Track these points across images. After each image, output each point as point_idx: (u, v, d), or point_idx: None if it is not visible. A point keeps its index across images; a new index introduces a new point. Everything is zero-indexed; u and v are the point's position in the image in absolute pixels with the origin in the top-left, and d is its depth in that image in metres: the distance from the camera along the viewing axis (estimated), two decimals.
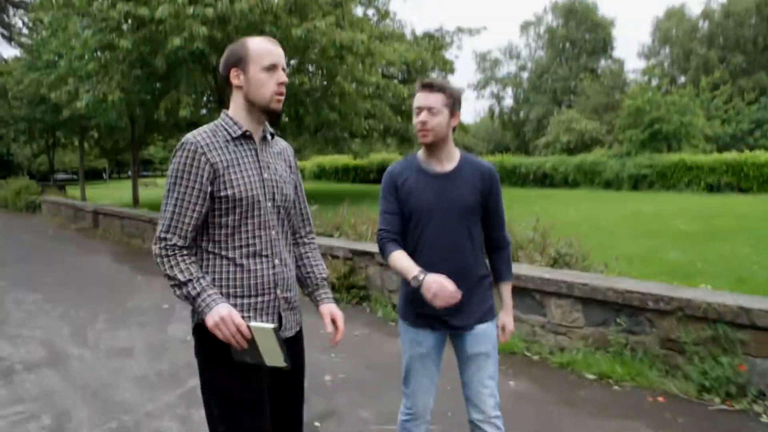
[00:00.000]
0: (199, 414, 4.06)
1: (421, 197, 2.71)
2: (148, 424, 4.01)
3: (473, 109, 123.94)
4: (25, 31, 29.30)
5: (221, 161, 2.13)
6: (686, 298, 4.41)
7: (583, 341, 5.06)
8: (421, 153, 2.80)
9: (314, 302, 2.44)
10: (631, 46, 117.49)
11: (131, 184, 21.36)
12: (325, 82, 13.45)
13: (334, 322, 2.35)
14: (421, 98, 2.67)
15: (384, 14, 28.32)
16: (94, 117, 17.65)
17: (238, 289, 2.14)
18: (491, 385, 2.73)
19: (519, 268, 5.60)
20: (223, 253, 2.14)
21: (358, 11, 27.20)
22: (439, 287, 2.48)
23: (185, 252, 2.10)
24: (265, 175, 2.22)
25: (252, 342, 2.00)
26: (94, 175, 67.04)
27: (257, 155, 2.22)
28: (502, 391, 2.54)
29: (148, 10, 10.87)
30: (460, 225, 2.69)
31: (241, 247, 2.15)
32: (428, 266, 2.60)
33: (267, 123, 2.29)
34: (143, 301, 7.61)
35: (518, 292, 5.52)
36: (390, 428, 3.77)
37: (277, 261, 2.23)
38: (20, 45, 25.86)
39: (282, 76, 2.21)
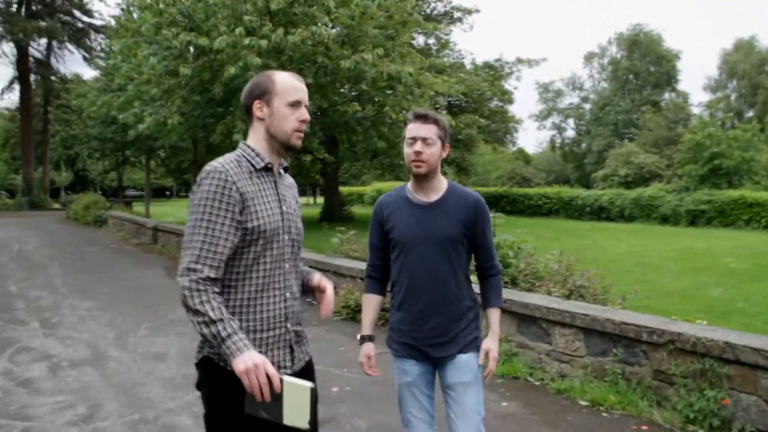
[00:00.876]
0: None
1: (403, 227, 2.76)
2: (166, 418, 4.51)
3: (535, 140, 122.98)
4: (102, 54, 30.96)
5: (248, 191, 2.12)
6: (677, 332, 4.60)
7: (583, 369, 5.27)
8: (410, 184, 2.85)
9: (307, 285, 2.45)
10: (697, 79, 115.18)
11: None
12: (375, 112, 13.92)
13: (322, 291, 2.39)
14: (414, 129, 2.71)
15: (444, 44, 28.95)
16: (159, 138, 18.67)
17: (250, 323, 2.12)
18: (475, 420, 2.72)
19: (528, 297, 5.87)
20: (240, 284, 2.12)
21: (420, 40, 28.00)
22: (363, 359, 2.85)
23: (216, 286, 2.03)
24: (284, 208, 2.24)
25: (277, 397, 1.94)
26: (161, 193, 69.56)
27: (276, 188, 2.24)
28: (492, 410, 2.67)
29: (208, 40, 11.61)
30: (441, 255, 2.71)
31: (257, 278, 2.14)
32: (409, 295, 2.73)
33: (283, 157, 2.31)
34: (184, 313, 8.12)
35: (526, 320, 5.80)
36: None
37: (288, 294, 2.23)
38: (98, 67, 27.43)
39: (304, 114, 2.23)
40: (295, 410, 1.93)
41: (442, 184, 2.80)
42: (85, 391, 5.13)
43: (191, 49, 12.05)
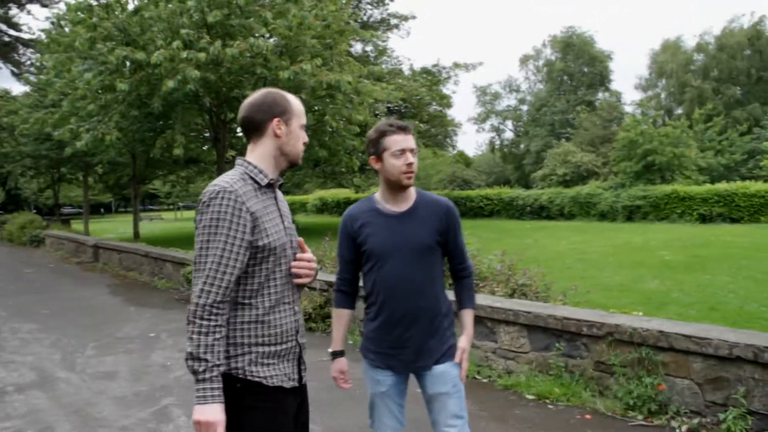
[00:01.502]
0: (168, 427, 4.61)
1: (377, 239, 2.72)
2: None
3: (475, 142, 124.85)
4: (33, 69, 30.14)
5: (257, 210, 2.13)
6: (615, 324, 4.83)
7: (528, 365, 5.46)
8: (378, 194, 2.82)
9: None
10: (629, 79, 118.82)
11: (133, 219, 21.93)
12: (315, 121, 13.99)
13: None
14: (402, 141, 2.68)
15: (381, 51, 29.22)
16: (97, 154, 18.31)
17: (265, 338, 2.15)
18: (457, 424, 2.73)
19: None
20: (255, 301, 2.13)
21: (358, 47, 28.19)
22: (336, 374, 2.86)
23: (222, 312, 2.04)
24: (286, 223, 2.27)
25: None
26: (99, 209, 67.83)
27: (277, 203, 2.27)
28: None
29: (144, 54, 11.48)
30: (416, 265, 2.70)
31: (270, 295, 2.16)
32: (385, 305, 2.71)
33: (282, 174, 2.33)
34: (132, 330, 8.07)
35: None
36: None
37: (297, 308, 2.29)
38: (28, 83, 26.68)
39: (306, 137, 2.33)
40: None
41: (411, 193, 2.79)
42: (34, 414, 5.05)
43: (128, 63, 11.88)
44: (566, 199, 29.97)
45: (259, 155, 2.24)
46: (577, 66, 52.82)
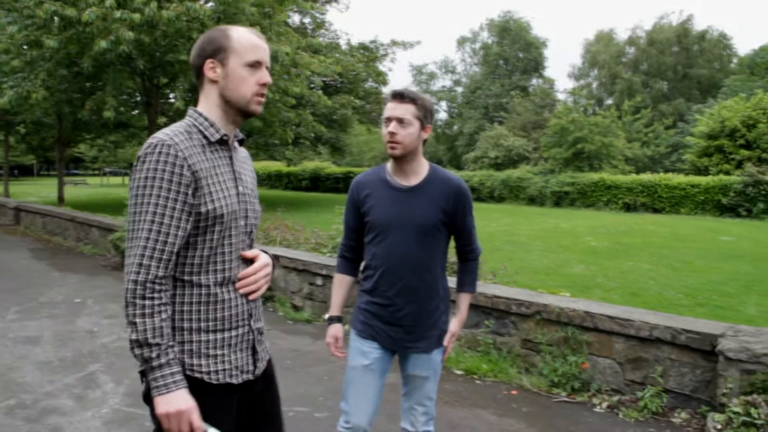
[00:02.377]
0: (95, 393, 4.53)
1: (380, 212, 2.64)
2: (46, 402, 4.39)
3: None
4: None
5: (201, 169, 1.81)
6: (543, 303, 4.99)
7: (458, 341, 5.58)
8: (389, 164, 2.73)
9: None
10: (563, 67, 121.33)
11: (57, 183, 21.15)
12: None
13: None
14: (390, 108, 2.57)
15: (319, 24, 28.86)
16: (20, 113, 17.52)
17: (210, 323, 1.83)
18: (428, 405, 2.77)
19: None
20: (196, 280, 1.82)
21: (296, 19, 27.76)
22: (330, 340, 2.79)
23: (164, 288, 1.74)
24: (240, 188, 1.93)
25: None
26: (24, 171, 65.14)
27: (232, 164, 1.93)
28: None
29: (76, 11, 11.02)
30: (418, 242, 2.61)
31: (216, 272, 1.84)
32: (383, 280, 2.64)
33: (238, 127, 1.99)
34: (56, 295, 7.83)
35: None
36: None
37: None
38: None
39: (266, 76, 1.92)
40: None
41: (422, 168, 2.68)
42: None
43: (56, 19, 11.37)
44: (497, 182, 30.56)
45: (206, 106, 1.91)
46: (512, 51, 53.59)
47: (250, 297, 1.95)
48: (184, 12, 11.17)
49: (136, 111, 17.53)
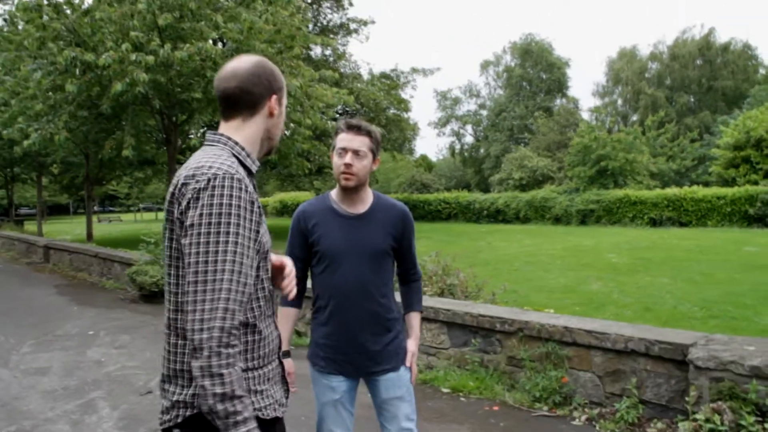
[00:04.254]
0: (91, 418, 4.80)
1: (331, 240, 2.64)
2: (44, 427, 4.67)
3: (435, 146, 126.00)
4: None
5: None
6: (525, 320, 5.11)
7: (448, 360, 5.72)
8: (333, 193, 2.74)
9: None
10: (587, 86, 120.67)
11: (86, 220, 21.80)
12: None
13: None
14: (346, 139, 2.59)
15: (340, 55, 29.40)
16: (49, 154, 18.18)
17: (256, 361, 1.76)
18: (410, 427, 2.73)
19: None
20: (243, 319, 1.70)
21: (318, 50, 28.32)
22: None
23: (239, 335, 1.61)
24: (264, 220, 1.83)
25: None
26: (59, 210, 66.79)
27: (257, 197, 1.79)
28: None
29: (94, 56, 11.51)
30: (369, 268, 2.64)
31: (259, 308, 1.77)
32: (337, 310, 2.64)
33: None
34: (72, 328, 8.16)
35: None
36: None
37: (275, 320, 1.93)
38: None
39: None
40: None
41: (368, 195, 2.72)
42: None
43: (77, 64, 11.88)
44: (522, 203, 30.49)
45: (248, 136, 1.81)
46: (535, 72, 53.75)
47: (290, 297, 2.08)
48: (197, 52, 11.58)
49: (157, 148, 18.01)
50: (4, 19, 17.31)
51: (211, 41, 12.61)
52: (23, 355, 6.86)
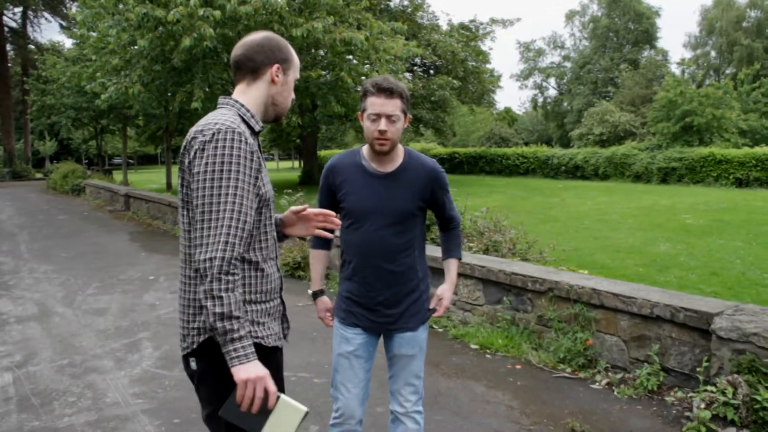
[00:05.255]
0: (133, 356, 5.20)
1: (357, 198, 2.64)
2: (91, 362, 5.11)
3: (517, 99, 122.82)
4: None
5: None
6: (555, 280, 5.08)
7: (483, 317, 5.77)
8: (365, 149, 2.71)
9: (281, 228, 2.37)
10: (678, 37, 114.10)
11: (165, 170, 22.68)
12: (334, 77, 14.25)
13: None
14: (378, 104, 2.52)
15: (417, 6, 29.02)
16: (131, 107, 18.93)
17: (258, 295, 2.01)
18: (416, 384, 2.78)
19: (434, 251, 6.30)
20: (247, 256, 1.97)
21: (396, 1, 28.06)
22: (322, 314, 2.84)
23: (239, 266, 1.87)
24: (266, 172, 2.09)
25: (264, 412, 1.85)
26: (149, 160, 69.66)
27: (260, 153, 2.06)
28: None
29: (164, 11, 11.86)
30: (394, 228, 2.62)
31: (261, 249, 2.01)
32: (360, 267, 2.67)
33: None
34: (136, 273, 8.66)
35: (435, 272, 6.22)
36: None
37: (279, 263, 2.17)
38: (72, 37, 27.43)
39: (293, 94, 2.20)
40: (278, 428, 1.86)
41: (398, 153, 2.68)
42: (25, 342, 5.71)
43: (149, 20, 12.25)
44: (601, 159, 29.61)
45: (251, 100, 2.07)
46: (623, 22, 51.41)
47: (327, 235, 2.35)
48: (262, 6, 11.75)
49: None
50: None
51: None
52: (87, 296, 7.39)
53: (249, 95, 2.07)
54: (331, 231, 2.66)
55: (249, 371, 1.79)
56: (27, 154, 42.44)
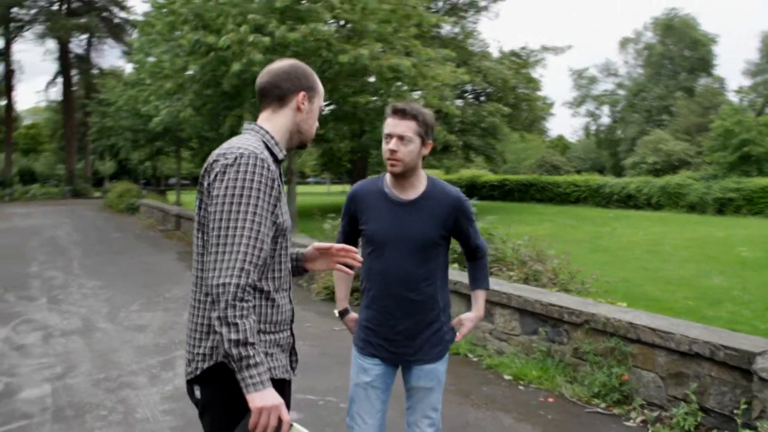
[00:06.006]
0: (167, 374, 5.32)
1: (377, 225, 2.62)
2: (126, 378, 5.26)
3: (570, 126, 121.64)
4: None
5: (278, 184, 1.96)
6: (592, 313, 4.97)
7: (518, 347, 5.67)
8: (387, 176, 2.70)
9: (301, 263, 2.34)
10: (736, 64, 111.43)
11: None
12: (383, 102, 14.36)
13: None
14: (391, 125, 2.55)
15: (468, 34, 29.18)
16: (183, 129, 19.41)
17: (268, 325, 1.96)
18: (433, 416, 2.72)
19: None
20: (259, 285, 1.92)
21: (447, 28, 28.24)
22: (352, 330, 2.82)
23: (253, 293, 1.85)
24: (284, 202, 2.06)
25: None
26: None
27: (281, 181, 2.03)
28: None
29: (215, 38, 12.18)
30: (415, 258, 2.59)
31: (274, 279, 1.98)
32: (379, 297, 2.64)
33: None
34: (180, 291, 8.85)
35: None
36: (304, 397, 4.66)
37: (291, 295, 2.13)
38: (132, 62, 28.40)
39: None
40: None
41: (421, 181, 2.66)
42: (67, 355, 5.91)
43: (201, 46, 12.59)
44: (654, 189, 29.04)
45: (276, 127, 2.06)
46: (678, 50, 50.51)
47: (350, 272, 2.34)
48: (310, 33, 11.95)
49: None
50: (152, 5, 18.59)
51: (327, 22, 12.93)
52: (130, 313, 7.60)
53: (274, 122, 2.06)
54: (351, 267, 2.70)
55: (265, 399, 1.77)
56: (87, 173, 44.00)
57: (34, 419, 4.37)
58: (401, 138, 2.53)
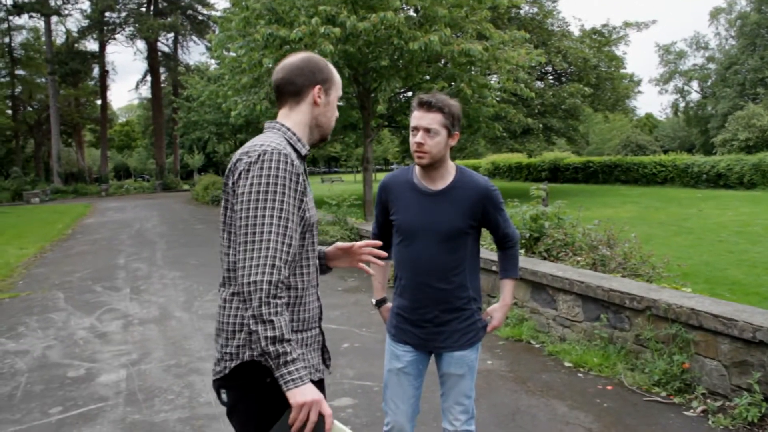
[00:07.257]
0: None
1: (406, 215, 2.67)
2: (194, 364, 5.54)
3: (658, 104, 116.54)
4: None
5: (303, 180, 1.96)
6: (653, 299, 4.85)
7: (580, 334, 5.61)
8: (417, 167, 2.74)
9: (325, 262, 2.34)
10: None
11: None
12: (457, 89, 14.29)
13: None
14: (417, 117, 2.58)
15: (546, 13, 28.52)
16: (262, 121, 19.93)
17: (295, 323, 1.95)
18: (465, 403, 2.76)
19: (540, 266, 6.21)
20: (287, 282, 1.89)
21: (526, 8, 27.72)
22: (386, 318, 2.89)
23: (285, 289, 1.85)
24: (311, 197, 2.04)
25: None
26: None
27: (306, 176, 2.03)
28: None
29: (287, 31, 12.44)
30: (444, 248, 2.63)
31: (302, 275, 1.97)
32: (410, 285, 2.69)
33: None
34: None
35: (537, 287, 6.18)
36: (360, 383, 4.78)
37: (319, 292, 2.12)
38: (214, 58, 29.30)
39: (337, 112, 2.16)
40: None
41: (449, 172, 2.69)
42: (143, 342, 6.29)
43: (274, 39, 12.87)
44: (746, 167, 27.59)
45: (296, 123, 2.05)
46: None
47: (370, 270, 2.30)
48: (380, 21, 12.02)
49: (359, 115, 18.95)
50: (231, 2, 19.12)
51: (398, 10, 12.96)
52: (204, 302, 7.97)
53: (293, 118, 2.05)
54: (388, 242, 2.81)
55: (305, 394, 1.75)
56: (176, 167, 45.78)
57: (109, 401, 4.70)
58: (427, 130, 2.56)
